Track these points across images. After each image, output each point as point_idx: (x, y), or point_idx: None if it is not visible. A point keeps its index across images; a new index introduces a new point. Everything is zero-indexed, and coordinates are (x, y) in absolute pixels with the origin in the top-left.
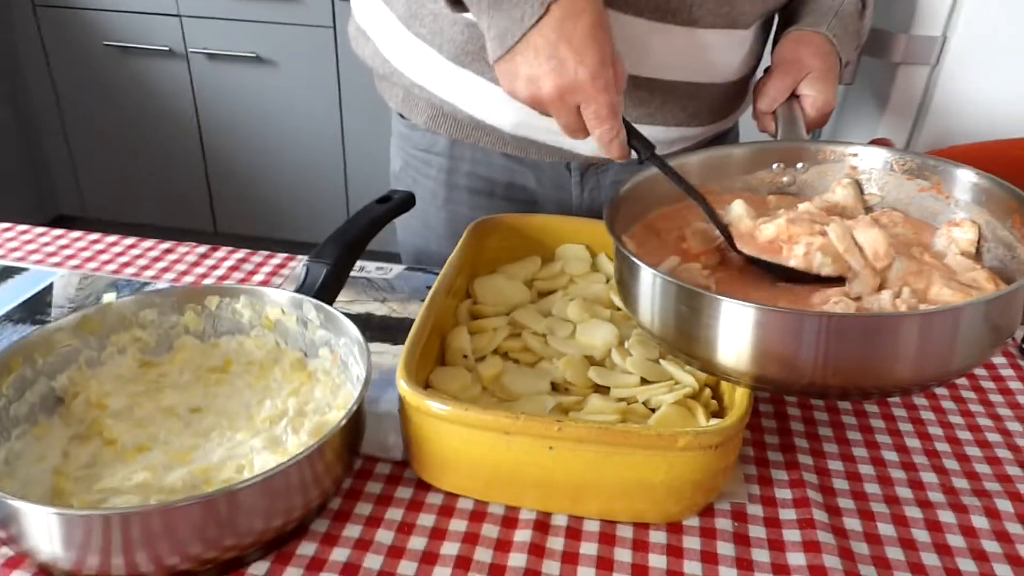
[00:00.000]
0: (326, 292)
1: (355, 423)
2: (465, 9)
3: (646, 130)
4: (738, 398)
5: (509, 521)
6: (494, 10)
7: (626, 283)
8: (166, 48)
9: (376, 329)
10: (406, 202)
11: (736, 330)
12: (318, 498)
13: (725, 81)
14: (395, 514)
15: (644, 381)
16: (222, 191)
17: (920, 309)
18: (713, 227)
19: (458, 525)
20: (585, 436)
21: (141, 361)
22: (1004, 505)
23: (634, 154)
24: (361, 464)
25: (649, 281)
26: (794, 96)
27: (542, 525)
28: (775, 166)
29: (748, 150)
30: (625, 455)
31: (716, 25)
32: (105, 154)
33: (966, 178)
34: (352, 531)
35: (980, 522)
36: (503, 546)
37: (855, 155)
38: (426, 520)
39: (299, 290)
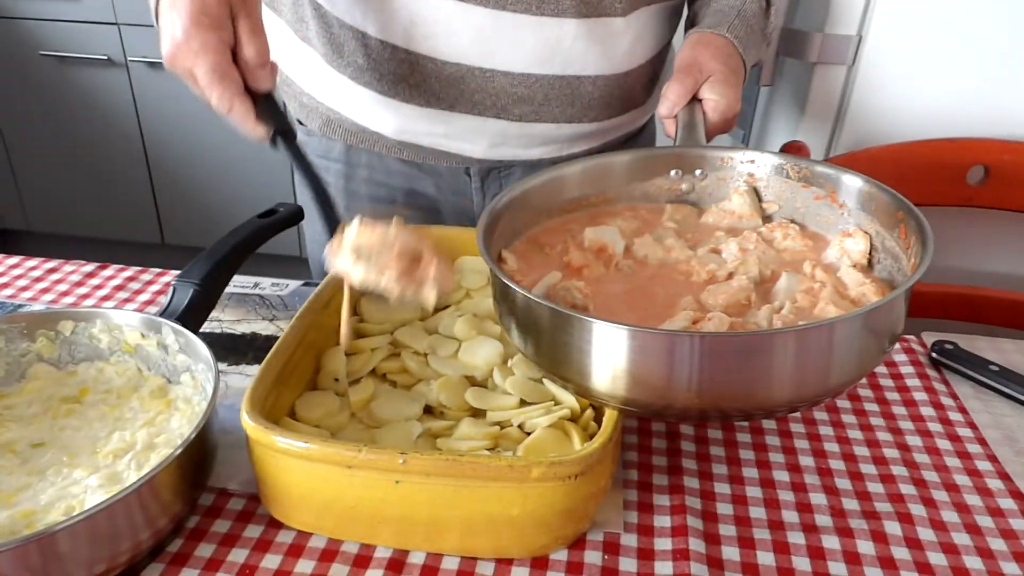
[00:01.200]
0: (192, 314)
1: (196, 455)
2: None
3: (535, 128)
4: (604, 422)
5: (361, 560)
6: None
7: (498, 302)
8: (104, 57)
9: (260, 350)
10: (293, 216)
11: (604, 352)
12: (150, 540)
13: (611, 73)
14: (239, 555)
15: (524, 403)
16: (168, 202)
17: (794, 325)
18: (601, 237)
19: (305, 566)
20: (431, 469)
21: None
22: (892, 528)
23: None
24: (213, 499)
25: (520, 302)
26: (696, 100)
27: (397, 564)
28: (673, 173)
29: (636, 157)
30: (477, 488)
31: (586, 14)
32: (47, 167)
33: (855, 185)
34: None
35: (865, 547)
36: None
37: (752, 161)
38: (271, 562)
39: (163, 312)
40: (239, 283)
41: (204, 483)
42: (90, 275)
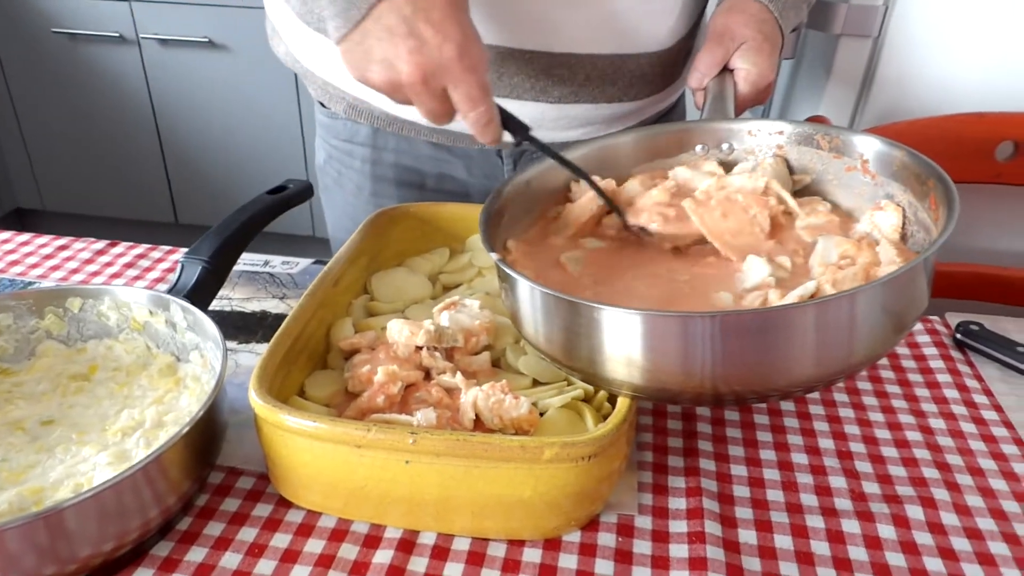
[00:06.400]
0: (201, 291)
1: (204, 433)
2: None
3: (573, 110)
4: (619, 403)
5: (371, 540)
6: None
7: (504, 291)
8: (116, 34)
9: (270, 328)
10: (302, 192)
11: (613, 338)
12: (158, 518)
13: (654, 50)
14: (248, 534)
15: (536, 383)
16: (181, 181)
17: (810, 300)
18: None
19: (315, 546)
20: (442, 449)
21: None
22: (915, 512)
23: (509, 137)
24: (222, 478)
25: (523, 290)
26: (727, 70)
27: (407, 544)
28: (698, 148)
29: (643, 135)
30: (487, 469)
31: None
32: (60, 145)
33: (886, 152)
34: (196, 555)
35: (887, 532)
36: (359, 568)
37: (780, 132)
38: (280, 541)
39: (171, 290)
40: (249, 261)
41: (213, 462)
42: (100, 252)
